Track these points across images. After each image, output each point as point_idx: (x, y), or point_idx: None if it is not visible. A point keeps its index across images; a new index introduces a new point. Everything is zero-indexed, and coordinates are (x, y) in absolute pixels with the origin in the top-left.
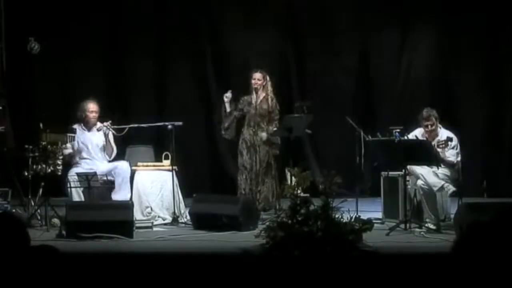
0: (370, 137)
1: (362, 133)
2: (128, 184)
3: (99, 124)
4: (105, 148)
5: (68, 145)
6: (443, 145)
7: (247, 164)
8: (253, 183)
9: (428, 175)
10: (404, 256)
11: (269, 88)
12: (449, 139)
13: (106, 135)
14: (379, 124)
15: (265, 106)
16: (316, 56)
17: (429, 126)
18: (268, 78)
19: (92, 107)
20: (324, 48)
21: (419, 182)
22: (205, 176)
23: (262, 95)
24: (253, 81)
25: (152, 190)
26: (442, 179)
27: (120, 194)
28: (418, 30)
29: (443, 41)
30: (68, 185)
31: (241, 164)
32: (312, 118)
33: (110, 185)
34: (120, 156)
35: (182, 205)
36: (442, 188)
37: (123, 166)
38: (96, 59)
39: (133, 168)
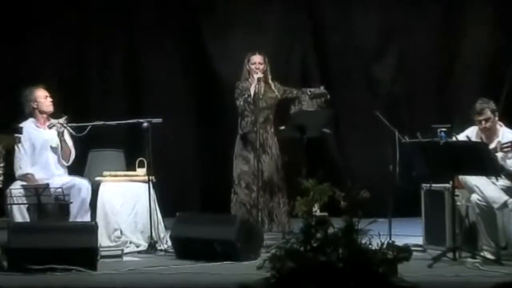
0: (407, 138)
1: (397, 133)
2: (88, 211)
3: (51, 121)
4: (61, 151)
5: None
6: (508, 149)
7: (251, 172)
8: (265, 198)
9: (485, 188)
10: None
11: (269, 73)
12: None
13: (60, 134)
14: (418, 122)
15: (271, 94)
16: (337, 32)
17: (483, 123)
18: (267, 61)
19: (43, 92)
20: (346, 22)
21: (474, 197)
22: (191, 189)
23: (263, 82)
24: (252, 66)
25: (123, 208)
26: (505, 194)
27: (78, 219)
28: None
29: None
30: (9, 201)
31: (242, 172)
32: (331, 113)
33: (66, 202)
34: (79, 165)
35: (161, 227)
36: (504, 205)
37: (82, 185)
38: (44, 43)
39: (98, 178)
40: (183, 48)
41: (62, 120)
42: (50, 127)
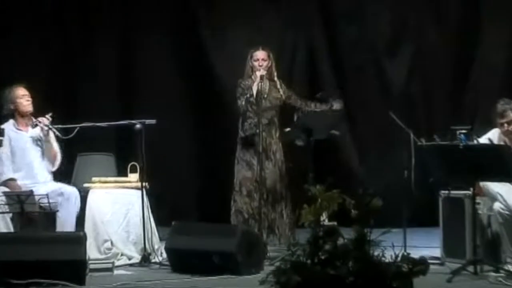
0: (423, 141)
1: (412, 136)
2: (74, 220)
3: (37, 118)
4: (45, 153)
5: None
6: None
7: (253, 179)
8: (267, 207)
9: (509, 196)
10: None
11: (274, 70)
12: None
13: (45, 135)
14: (436, 123)
15: (276, 93)
16: (350, 28)
17: (506, 125)
18: (271, 57)
19: (22, 91)
20: (359, 16)
21: (496, 205)
22: (188, 197)
23: (268, 79)
24: (255, 63)
25: (113, 217)
26: None
27: (65, 230)
28: None
29: None
30: None
31: (244, 178)
32: (341, 114)
33: (52, 210)
34: (66, 170)
35: (155, 237)
36: None
37: (71, 195)
38: (29, 39)
39: (86, 185)
40: (179, 44)
41: (47, 120)
42: (33, 126)
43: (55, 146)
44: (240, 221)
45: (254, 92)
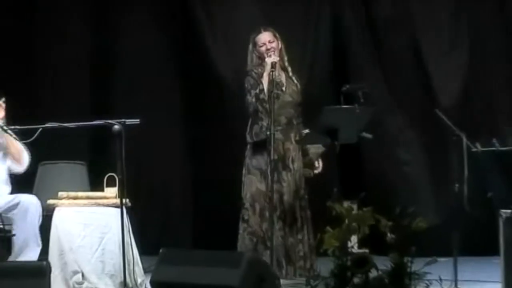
0: (479, 146)
1: (465, 139)
2: (38, 237)
3: None
4: (5, 152)
5: None
6: None
7: (267, 193)
8: (284, 229)
9: None
10: None
11: (284, 54)
12: None
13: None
14: (493, 125)
15: (293, 86)
16: (388, 7)
17: None
18: (279, 37)
19: None
20: None
21: None
22: (180, 217)
23: (280, 68)
24: (261, 49)
25: (85, 243)
26: None
27: (24, 255)
28: None
29: None
30: None
31: (257, 192)
32: (374, 112)
33: (7, 233)
34: (26, 182)
35: (138, 269)
36: None
37: (29, 204)
38: None
39: (51, 202)
40: (167, 28)
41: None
42: None
43: (15, 143)
44: (249, 247)
45: (265, 86)
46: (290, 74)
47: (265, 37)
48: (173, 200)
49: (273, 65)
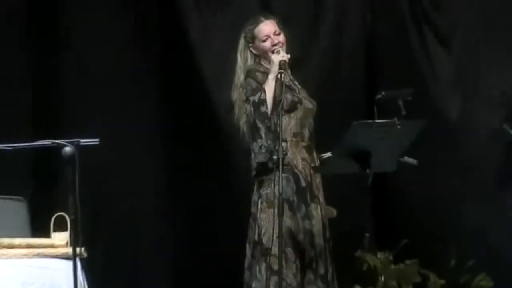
0: None
1: None
2: None
3: None
4: None
5: None
6: None
7: (299, 233)
8: (319, 283)
9: None
10: None
11: (289, 51)
12: None
13: None
14: None
15: (303, 92)
16: None
17: None
18: (282, 27)
19: None
20: None
21: None
22: (153, 270)
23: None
24: (264, 44)
25: None
26: None
27: None
28: None
29: None
30: None
31: (288, 232)
32: (421, 127)
33: None
34: None
35: None
36: None
37: None
38: None
39: None
40: (135, 21)
41: None
42: None
43: None
44: None
45: (269, 96)
46: (291, 77)
47: (269, 28)
48: (147, 247)
49: (282, 64)
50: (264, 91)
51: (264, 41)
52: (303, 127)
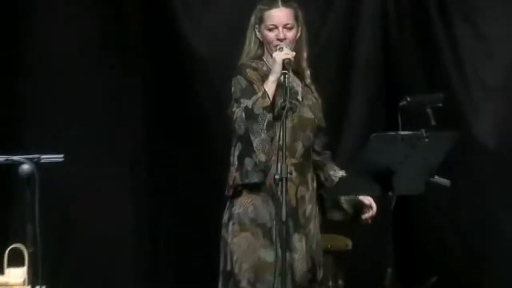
0: None
1: None
2: None
3: None
4: None
5: None
6: None
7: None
8: None
9: None
10: None
11: (304, 50)
12: None
13: None
14: None
15: (313, 98)
16: None
17: None
18: (301, 20)
19: None
20: None
21: None
22: None
23: (293, 70)
24: (269, 34)
25: None
26: None
27: None
28: None
29: None
30: None
31: (260, 267)
32: (454, 141)
33: None
34: None
35: None
36: None
37: None
38: None
39: None
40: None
41: None
42: None
43: None
44: None
45: (270, 94)
46: (309, 81)
47: (280, 18)
48: (120, 283)
49: (285, 64)
50: (267, 95)
51: (270, 30)
52: (295, 140)
